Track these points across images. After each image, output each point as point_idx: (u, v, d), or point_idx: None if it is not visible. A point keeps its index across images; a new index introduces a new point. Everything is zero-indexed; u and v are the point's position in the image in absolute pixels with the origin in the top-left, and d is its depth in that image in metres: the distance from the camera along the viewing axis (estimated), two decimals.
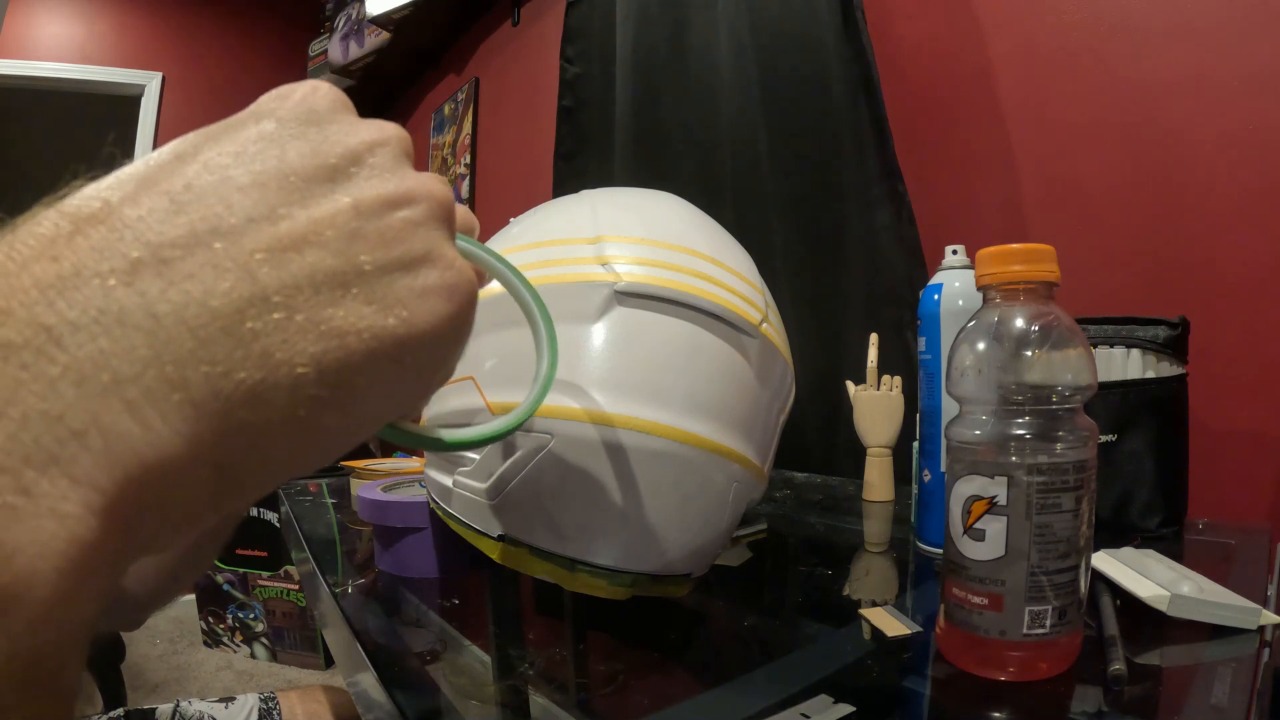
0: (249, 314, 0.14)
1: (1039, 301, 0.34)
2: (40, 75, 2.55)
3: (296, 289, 0.15)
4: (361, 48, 2.51)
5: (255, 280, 0.14)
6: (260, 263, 0.15)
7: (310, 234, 0.15)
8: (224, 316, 0.14)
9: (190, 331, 0.14)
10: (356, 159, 0.17)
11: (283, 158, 0.16)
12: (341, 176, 0.17)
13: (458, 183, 2.31)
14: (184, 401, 0.13)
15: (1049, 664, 0.33)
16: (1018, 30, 0.90)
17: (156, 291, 0.14)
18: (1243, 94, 0.72)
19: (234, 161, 0.16)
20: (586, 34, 1.47)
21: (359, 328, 0.15)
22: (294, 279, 0.15)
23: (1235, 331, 0.71)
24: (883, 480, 0.77)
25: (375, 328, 0.16)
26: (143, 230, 0.14)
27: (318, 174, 0.16)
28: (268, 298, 0.14)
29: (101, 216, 0.14)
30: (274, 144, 0.16)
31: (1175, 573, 0.43)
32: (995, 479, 0.33)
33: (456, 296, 0.18)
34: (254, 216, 0.15)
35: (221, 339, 0.14)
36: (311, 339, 0.15)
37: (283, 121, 0.17)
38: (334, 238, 0.16)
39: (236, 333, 0.14)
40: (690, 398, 0.39)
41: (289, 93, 0.18)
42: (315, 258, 0.15)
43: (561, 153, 1.51)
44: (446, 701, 0.35)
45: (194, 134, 0.17)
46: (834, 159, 0.99)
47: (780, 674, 0.37)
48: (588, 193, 0.48)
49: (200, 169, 0.15)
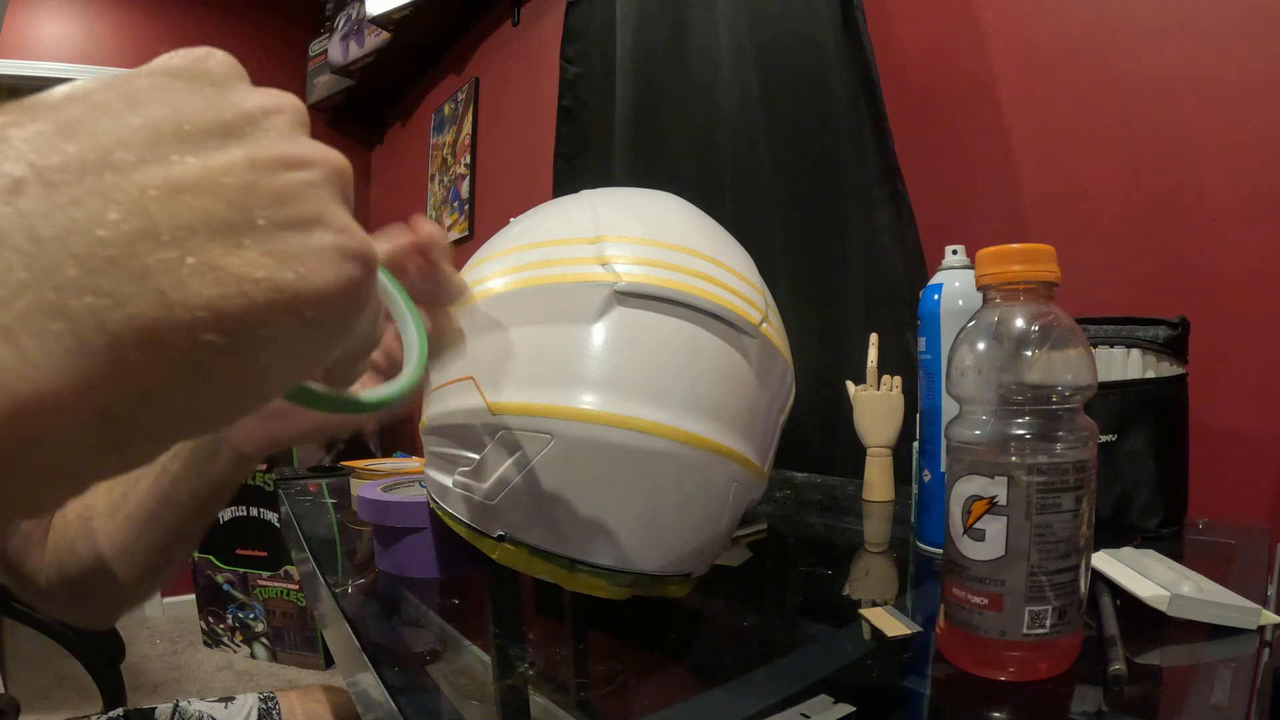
0: (139, 248, 0.13)
1: (1039, 301, 0.34)
2: (40, 75, 2.55)
3: (190, 230, 0.14)
4: (361, 48, 2.51)
5: (147, 215, 0.14)
6: (152, 200, 0.14)
7: (204, 180, 0.15)
8: (111, 246, 0.13)
9: (75, 259, 0.13)
10: (251, 120, 0.17)
11: (178, 107, 0.16)
12: (235, 133, 0.16)
13: (458, 183, 2.31)
14: (65, 333, 0.13)
15: (1049, 664, 0.33)
16: (1018, 30, 0.90)
17: (39, 214, 0.13)
18: (1243, 94, 0.72)
19: (127, 106, 0.15)
20: (586, 34, 1.46)
21: (256, 277, 0.15)
22: (187, 221, 0.14)
23: (1235, 331, 0.71)
24: (883, 480, 0.77)
25: (274, 279, 0.15)
26: (27, 151, 0.13)
27: (212, 128, 0.16)
28: (159, 234, 0.14)
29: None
30: (169, 94, 0.16)
31: (1175, 573, 0.43)
32: (995, 479, 0.33)
33: (352, 259, 0.17)
34: (145, 157, 0.14)
35: (110, 270, 0.13)
36: (208, 282, 0.14)
37: (178, 77, 0.17)
38: (228, 187, 0.15)
39: (127, 266, 0.13)
40: (690, 398, 0.39)
41: (185, 53, 0.18)
42: (208, 203, 0.15)
43: (561, 153, 1.51)
44: (446, 701, 0.35)
45: (86, 80, 0.16)
46: (834, 159, 0.99)
47: (780, 674, 0.37)
48: (588, 193, 0.48)
49: (91, 107, 0.15)
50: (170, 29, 2.74)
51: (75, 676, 1.96)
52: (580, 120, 1.49)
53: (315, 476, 1.06)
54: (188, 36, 2.74)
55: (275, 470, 2.20)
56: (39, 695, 1.95)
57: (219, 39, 2.16)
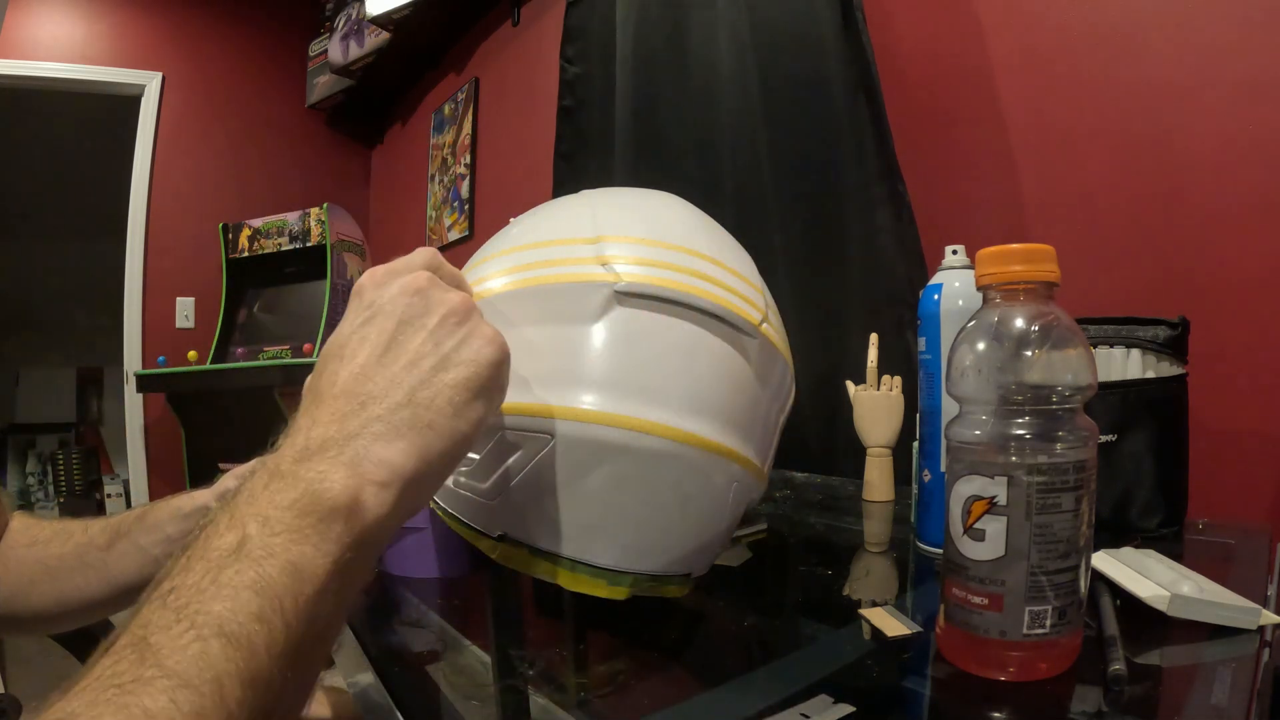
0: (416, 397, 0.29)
1: (1039, 301, 0.34)
2: (40, 75, 2.54)
3: (423, 383, 0.29)
4: (361, 48, 2.51)
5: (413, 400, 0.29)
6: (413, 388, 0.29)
7: (416, 358, 0.30)
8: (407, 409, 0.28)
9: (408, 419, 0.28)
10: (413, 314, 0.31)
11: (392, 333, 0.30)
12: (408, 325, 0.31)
13: (458, 183, 2.31)
14: (406, 443, 0.27)
15: (1049, 664, 0.33)
16: (1018, 30, 0.90)
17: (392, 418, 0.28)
18: (1243, 95, 0.72)
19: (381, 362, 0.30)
20: (586, 34, 1.46)
21: (462, 376, 0.30)
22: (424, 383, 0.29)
23: (1235, 332, 0.71)
24: (883, 480, 0.77)
25: (468, 370, 0.30)
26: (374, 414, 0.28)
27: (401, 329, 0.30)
28: (414, 399, 0.29)
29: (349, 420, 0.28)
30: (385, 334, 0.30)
31: (1175, 573, 0.43)
32: (995, 479, 0.33)
33: (495, 342, 0.31)
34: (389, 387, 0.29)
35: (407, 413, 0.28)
36: (445, 393, 0.29)
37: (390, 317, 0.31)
38: (428, 354, 0.30)
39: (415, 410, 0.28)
40: (690, 398, 0.39)
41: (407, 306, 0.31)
42: (427, 364, 0.30)
43: (561, 153, 1.51)
44: (446, 701, 0.35)
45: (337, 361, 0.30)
46: (834, 159, 0.99)
47: (780, 674, 0.37)
48: (588, 193, 0.48)
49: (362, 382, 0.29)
50: (170, 29, 2.74)
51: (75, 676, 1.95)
52: (580, 120, 1.49)
53: None
54: (188, 37, 2.74)
55: None
56: (39, 695, 1.94)
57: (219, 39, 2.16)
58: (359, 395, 0.28)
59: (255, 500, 0.24)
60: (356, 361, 0.29)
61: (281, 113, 2.97)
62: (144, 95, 2.69)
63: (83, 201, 3.62)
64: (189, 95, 2.76)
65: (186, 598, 0.21)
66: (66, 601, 0.53)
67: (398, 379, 0.29)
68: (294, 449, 0.26)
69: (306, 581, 0.23)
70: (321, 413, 0.28)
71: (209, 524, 0.24)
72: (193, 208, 2.74)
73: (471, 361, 0.30)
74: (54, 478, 3.58)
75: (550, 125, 1.54)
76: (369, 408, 0.28)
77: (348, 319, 0.31)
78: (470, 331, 0.31)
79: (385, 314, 0.30)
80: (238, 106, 2.86)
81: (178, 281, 2.74)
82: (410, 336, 0.30)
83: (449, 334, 0.30)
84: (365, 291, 0.32)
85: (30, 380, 3.86)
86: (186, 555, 0.23)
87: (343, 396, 0.28)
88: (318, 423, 0.27)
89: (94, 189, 3.35)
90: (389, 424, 0.27)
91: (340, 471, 0.25)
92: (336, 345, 0.30)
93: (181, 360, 2.42)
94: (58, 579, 0.53)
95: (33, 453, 3.76)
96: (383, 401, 0.28)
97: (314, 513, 0.24)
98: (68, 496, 3.49)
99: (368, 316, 0.31)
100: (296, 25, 2.95)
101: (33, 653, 2.06)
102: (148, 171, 2.69)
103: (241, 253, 2.59)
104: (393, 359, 0.29)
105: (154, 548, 0.53)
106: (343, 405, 0.28)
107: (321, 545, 0.24)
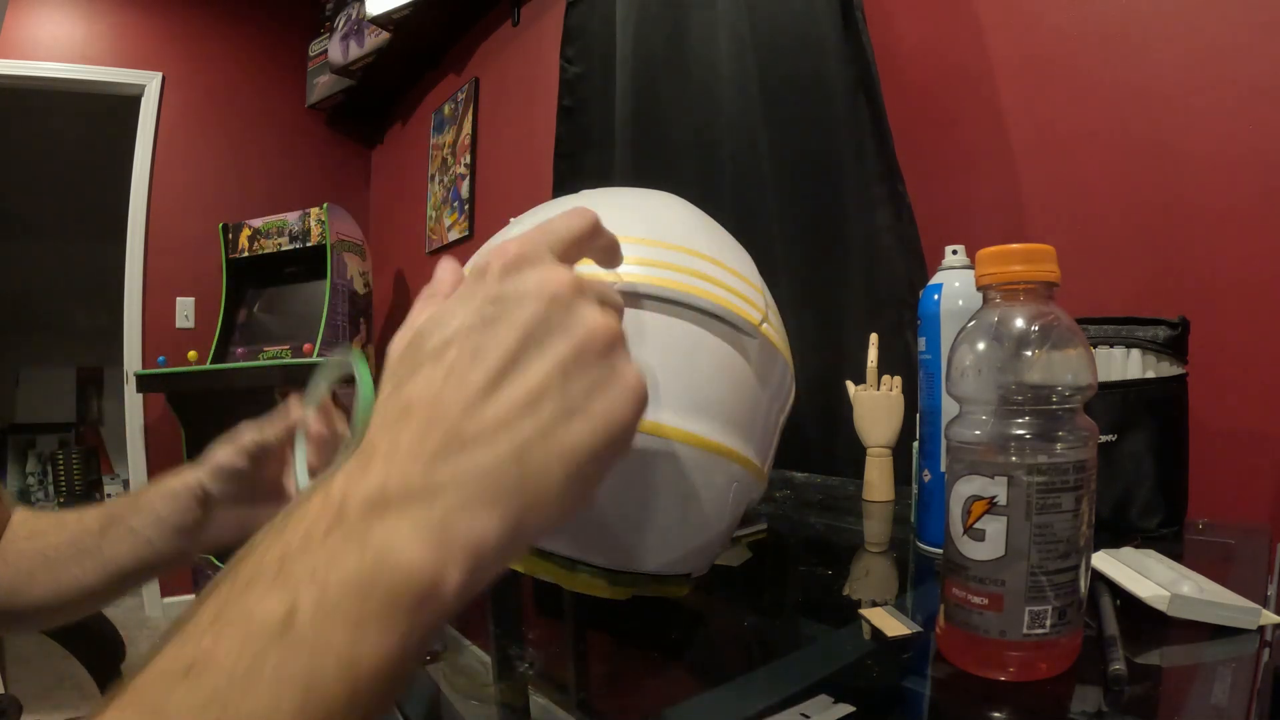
0: (528, 458, 0.22)
1: (1039, 301, 0.34)
2: (40, 75, 2.54)
3: (540, 436, 0.22)
4: (361, 48, 2.51)
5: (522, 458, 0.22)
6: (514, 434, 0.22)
7: (535, 398, 0.23)
8: (513, 468, 0.22)
9: (512, 484, 0.22)
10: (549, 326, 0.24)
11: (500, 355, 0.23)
12: (535, 344, 0.23)
13: (458, 183, 2.31)
14: (502, 512, 0.22)
15: (1049, 664, 0.33)
16: (1018, 31, 0.90)
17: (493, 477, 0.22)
18: (1243, 96, 0.72)
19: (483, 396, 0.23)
20: (586, 34, 1.46)
21: (588, 436, 0.23)
22: (541, 436, 0.22)
23: (1235, 331, 0.71)
24: (883, 480, 0.77)
25: (598, 428, 0.23)
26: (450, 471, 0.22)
27: (525, 348, 0.23)
28: (524, 458, 0.22)
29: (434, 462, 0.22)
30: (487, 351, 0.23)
31: (1175, 573, 0.43)
32: (995, 479, 0.33)
33: (637, 393, 0.25)
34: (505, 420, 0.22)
35: (512, 474, 0.22)
36: (564, 456, 0.23)
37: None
38: (553, 393, 0.23)
39: (522, 472, 0.22)
40: (690, 398, 0.39)
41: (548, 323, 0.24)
42: (548, 409, 0.23)
43: (561, 153, 1.51)
44: (446, 701, 0.35)
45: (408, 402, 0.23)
46: (834, 159, 0.99)
47: (780, 674, 0.37)
48: (587, 193, 0.48)
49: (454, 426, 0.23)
50: (170, 29, 2.74)
51: (75, 676, 1.96)
52: (580, 120, 1.49)
53: None
54: (188, 37, 2.74)
55: None
56: (39, 695, 1.95)
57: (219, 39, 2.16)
58: (458, 433, 0.22)
59: (311, 551, 0.20)
60: (463, 379, 0.23)
61: (281, 113, 2.97)
62: (144, 95, 2.68)
63: (83, 201, 3.63)
64: (189, 95, 2.76)
65: (214, 680, 0.18)
66: (64, 592, 0.52)
67: (509, 422, 0.22)
68: (367, 485, 0.21)
69: (363, 677, 0.19)
70: (407, 436, 0.22)
71: (251, 567, 0.20)
72: (193, 208, 2.74)
73: (604, 416, 0.23)
74: (54, 478, 3.59)
75: (550, 125, 1.54)
76: (467, 454, 0.22)
77: (459, 303, 0.25)
78: (611, 372, 0.24)
79: (509, 319, 0.23)
80: (238, 106, 2.86)
81: (178, 281, 2.74)
82: (535, 360, 0.23)
83: (584, 369, 0.23)
84: (490, 274, 0.25)
85: (30, 380, 3.86)
86: (218, 610, 0.19)
87: (437, 425, 0.22)
88: (399, 451, 0.22)
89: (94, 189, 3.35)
90: (487, 485, 0.21)
91: (420, 544, 0.20)
92: (439, 338, 0.24)
93: (181, 360, 2.42)
94: (55, 569, 0.52)
95: (33, 453, 3.77)
96: (487, 449, 0.22)
97: (383, 593, 0.19)
98: (68, 496, 3.50)
99: (487, 315, 0.24)
100: (296, 25, 2.95)
101: (33, 653, 2.06)
102: (148, 171, 2.69)
103: (241, 253, 2.59)
104: (509, 390, 0.23)
105: (146, 530, 0.52)
106: (436, 439, 0.22)
107: (387, 634, 0.19)
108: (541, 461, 0.22)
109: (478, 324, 0.24)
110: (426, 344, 0.24)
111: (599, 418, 0.23)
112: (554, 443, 0.22)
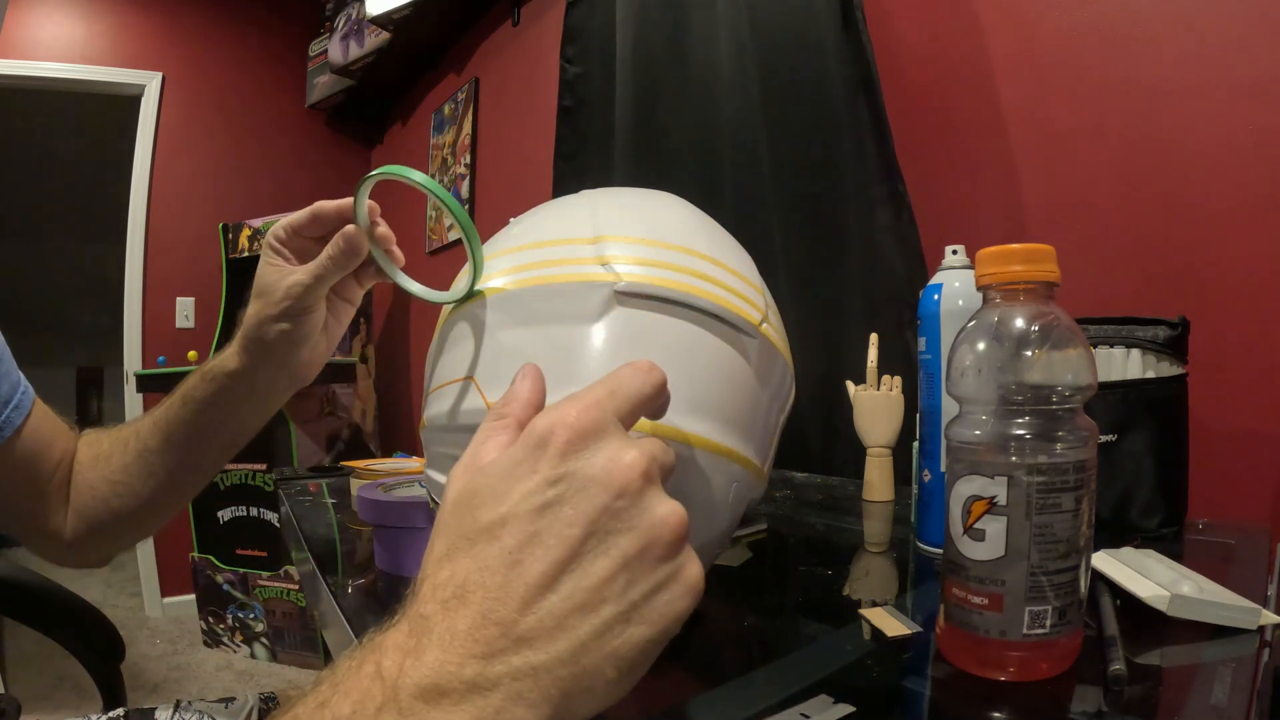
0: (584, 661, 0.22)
1: (1039, 301, 0.34)
2: (40, 75, 2.54)
3: (596, 639, 0.22)
4: (361, 48, 2.50)
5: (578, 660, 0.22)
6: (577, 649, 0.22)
7: (595, 599, 0.22)
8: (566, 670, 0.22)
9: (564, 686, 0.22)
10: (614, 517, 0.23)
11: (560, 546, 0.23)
12: (599, 540, 0.23)
13: (458, 183, 2.31)
14: (552, 709, 0.21)
15: (1049, 664, 0.33)
16: (1018, 30, 0.90)
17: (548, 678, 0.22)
18: (1243, 95, 0.72)
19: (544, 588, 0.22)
20: (586, 34, 1.46)
21: (644, 638, 0.23)
22: (597, 638, 0.22)
23: (1235, 331, 0.71)
24: (883, 480, 0.77)
25: (655, 630, 0.23)
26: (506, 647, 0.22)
27: (587, 542, 0.23)
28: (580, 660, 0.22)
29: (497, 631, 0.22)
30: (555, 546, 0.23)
31: (1175, 573, 0.43)
32: (995, 479, 0.33)
33: (695, 591, 0.24)
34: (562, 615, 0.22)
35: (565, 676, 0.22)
36: (618, 655, 0.22)
37: None
38: (615, 596, 0.22)
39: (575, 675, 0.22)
40: (690, 398, 0.39)
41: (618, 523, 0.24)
42: (608, 612, 0.22)
43: (561, 153, 1.51)
44: None
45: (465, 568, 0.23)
46: (834, 159, 0.99)
47: (780, 674, 0.37)
48: (588, 193, 0.48)
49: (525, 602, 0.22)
50: (170, 29, 2.73)
51: (75, 676, 1.96)
52: (580, 120, 1.49)
53: (315, 476, 1.06)
54: (188, 37, 2.74)
55: (275, 470, 2.20)
56: (39, 695, 1.95)
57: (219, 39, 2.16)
58: (516, 628, 0.21)
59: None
60: (523, 570, 0.22)
61: (281, 113, 2.97)
62: (144, 95, 2.68)
63: (83, 201, 3.63)
64: (189, 95, 2.76)
65: None
66: (145, 507, 0.56)
67: (568, 623, 0.22)
68: (421, 672, 0.21)
69: None
70: (464, 624, 0.21)
71: None
72: (193, 208, 2.74)
73: (661, 618, 0.23)
74: None
75: (550, 125, 1.54)
76: (523, 652, 0.21)
77: (515, 472, 0.24)
78: (674, 573, 0.23)
79: (573, 510, 0.23)
80: (238, 106, 2.86)
81: (178, 281, 2.74)
82: (599, 560, 0.22)
83: (647, 573, 0.23)
84: (553, 447, 0.23)
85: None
86: None
87: (493, 618, 0.21)
88: (456, 640, 0.21)
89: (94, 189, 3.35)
90: (540, 685, 0.21)
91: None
92: (494, 513, 0.23)
93: (181, 360, 2.42)
94: (125, 495, 0.55)
95: None
96: (543, 649, 0.21)
97: None
98: None
99: (549, 500, 0.23)
100: (296, 25, 2.95)
101: (33, 653, 2.06)
102: (148, 171, 2.69)
103: (241, 253, 2.59)
104: (568, 586, 0.22)
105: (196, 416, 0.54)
106: (492, 631, 0.21)
107: None
108: (595, 663, 0.22)
109: (539, 507, 0.23)
110: (481, 513, 0.23)
111: (658, 622, 0.23)
112: (610, 645, 0.22)
